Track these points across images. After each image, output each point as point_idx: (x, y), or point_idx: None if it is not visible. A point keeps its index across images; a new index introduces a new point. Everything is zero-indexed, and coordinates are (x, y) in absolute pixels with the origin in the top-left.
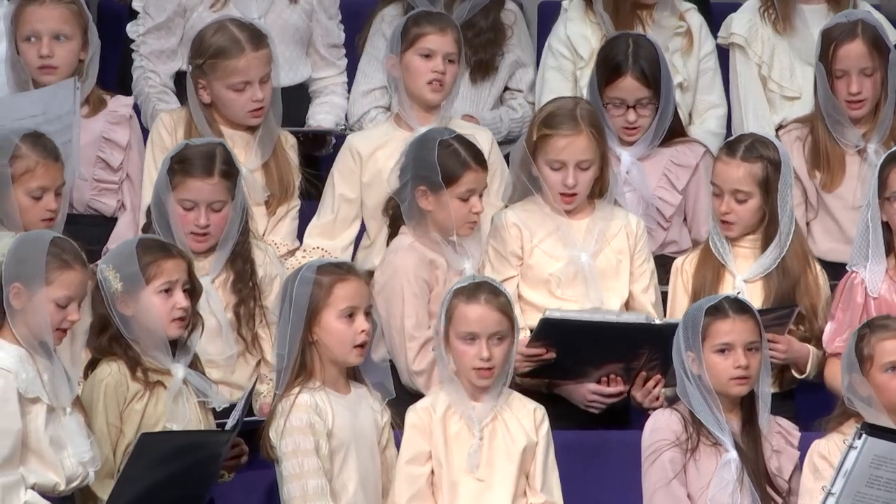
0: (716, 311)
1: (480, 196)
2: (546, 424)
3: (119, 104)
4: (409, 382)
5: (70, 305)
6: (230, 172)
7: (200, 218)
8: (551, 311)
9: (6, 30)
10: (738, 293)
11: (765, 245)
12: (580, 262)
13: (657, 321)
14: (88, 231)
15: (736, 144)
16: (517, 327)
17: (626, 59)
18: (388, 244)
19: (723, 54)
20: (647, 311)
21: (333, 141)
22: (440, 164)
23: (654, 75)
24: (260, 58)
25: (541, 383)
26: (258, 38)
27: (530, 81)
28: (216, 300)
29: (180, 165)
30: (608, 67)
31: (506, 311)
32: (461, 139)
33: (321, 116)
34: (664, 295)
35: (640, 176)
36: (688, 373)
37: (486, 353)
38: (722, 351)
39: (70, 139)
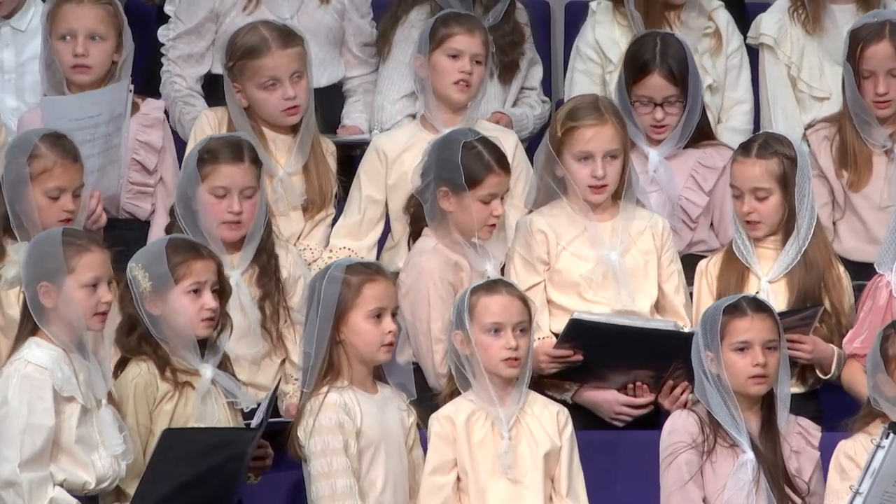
0: (734, 310)
1: (502, 199)
2: (570, 428)
3: (151, 107)
4: (437, 385)
5: (100, 287)
6: (257, 160)
7: (234, 204)
8: (580, 313)
9: (41, 28)
10: (757, 293)
11: (786, 242)
12: (610, 262)
13: (686, 329)
14: (124, 235)
15: (750, 144)
16: (533, 325)
17: (654, 57)
18: (409, 243)
19: (752, 53)
20: (678, 311)
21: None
22: (463, 166)
23: (681, 73)
24: (288, 55)
25: (566, 392)
26: (288, 36)
27: (541, 77)
28: (245, 293)
29: (209, 154)
30: (636, 65)
31: (526, 302)
32: (485, 141)
33: (356, 115)
34: (690, 296)
35: (667, 175)
36: (706, 373)
37: (514, 342)
38: (740, 349)
39: (119, 144)
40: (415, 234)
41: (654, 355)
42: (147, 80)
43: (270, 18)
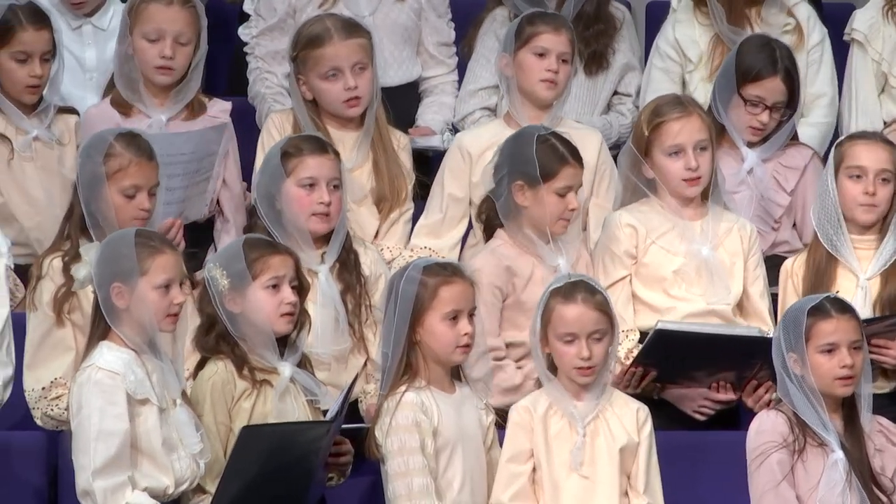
0: (818, 312)
1: (576, 193)
2: (649, 425)
3: (218, 109)
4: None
5: (172, 288)
6: (338, 154)
7: (324, 194)
8: (664, 323)
9: (121, 22)
10: (837, 292)
11: (881, 241)
12: (701, 256)
13: (770, 334)
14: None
15: (871, 133)
16: (616, 324)
17: (776, 62)
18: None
19: (837, 47)
20: (763, 316)
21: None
22: (538, 159)
23: (796, 80)
24: (350, 46)
25: (651, 388)
26: (351, 27)
27: (638, 85)
28: (334, 288)
29: (294, 149)
30: (755, 67)
31: (604, 309)
32: (557, 135)
33: (430, 116)
34: (774, 297)
35: (764, 175)
36: (790, 374)
37: (587, 353)
38: (827, 351)
39: (209, 177)
40: (489, 239)
41: (738, 359)
42: (231, 80)
43: (345, 13)
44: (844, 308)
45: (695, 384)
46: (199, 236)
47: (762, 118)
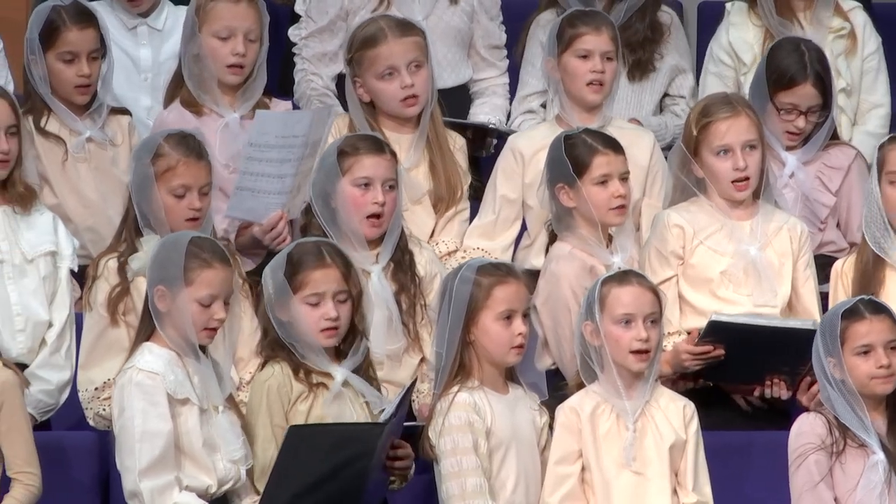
0: (852, 314)
1: (623, 181)
2: (695, 422)
3: (280, 109)
4: None
5: (214, 304)
6: (395, 154)
7: (378, 195)
8: (718, 314)
9: (189, 22)
10: (873, 295)
11: None
12: (749, 256)
13: None
14: None
15: None
16: (664, 319)
17: (805, 67)
18: (546, 249)
19: (889, 49)
20: (813, 316)
21: (494, 142)
22: (568, 156)
23: (828, 81)
24: (405, 43)
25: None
26: (405, 26)
27: (691, 87)
28: (387, 288)
29: (351, 148)
30: (785, 74)
31: (657, 293)
32: (588, 131)
33: (482, 117)
34: (825, 297)
35: (806, 179)
36: (829, 378)
37: (645, 334)
38: (863, 353)
39: (311, 166)
40: None
41: (792, 354)
42: (281, 81)
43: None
44: (878, 309)
45: (750, 383)
46: None
47: (798, 124)
